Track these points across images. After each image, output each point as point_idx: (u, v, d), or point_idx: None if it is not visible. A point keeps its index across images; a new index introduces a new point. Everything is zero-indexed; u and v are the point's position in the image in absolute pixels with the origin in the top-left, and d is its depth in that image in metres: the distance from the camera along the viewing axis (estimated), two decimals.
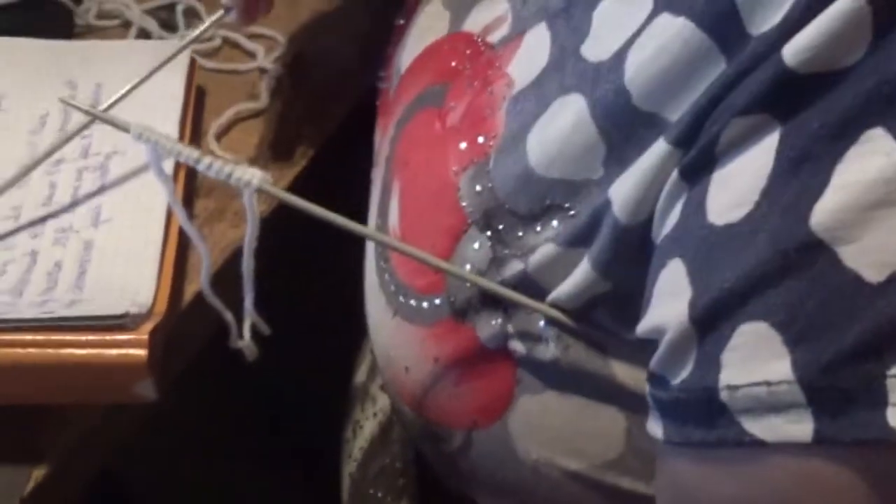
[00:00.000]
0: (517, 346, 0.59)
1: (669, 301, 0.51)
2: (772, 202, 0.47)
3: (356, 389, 0.87)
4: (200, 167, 0.54)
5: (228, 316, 0.61)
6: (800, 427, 0.46)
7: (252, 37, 0.89)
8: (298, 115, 0.85)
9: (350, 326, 0.85)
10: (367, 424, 0.84)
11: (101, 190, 0.74)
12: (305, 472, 0.98)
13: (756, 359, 0.47)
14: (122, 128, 0.57)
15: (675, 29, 0.51)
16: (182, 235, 0.72)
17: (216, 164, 0.54)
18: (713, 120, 0.49)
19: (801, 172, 0.46)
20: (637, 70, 0.53)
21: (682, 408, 0.50)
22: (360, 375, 0.87)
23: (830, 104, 0.46)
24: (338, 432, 0.87)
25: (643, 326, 0.53)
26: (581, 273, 0.56)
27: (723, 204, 0.49)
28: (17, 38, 0.83)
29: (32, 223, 0.72)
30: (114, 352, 0.63)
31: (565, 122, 0.56)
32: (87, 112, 0.62)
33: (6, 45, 0.82)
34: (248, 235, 0.56)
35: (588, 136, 0.55)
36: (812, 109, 0.47)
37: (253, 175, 0.54)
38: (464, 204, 0.59)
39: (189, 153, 0.55)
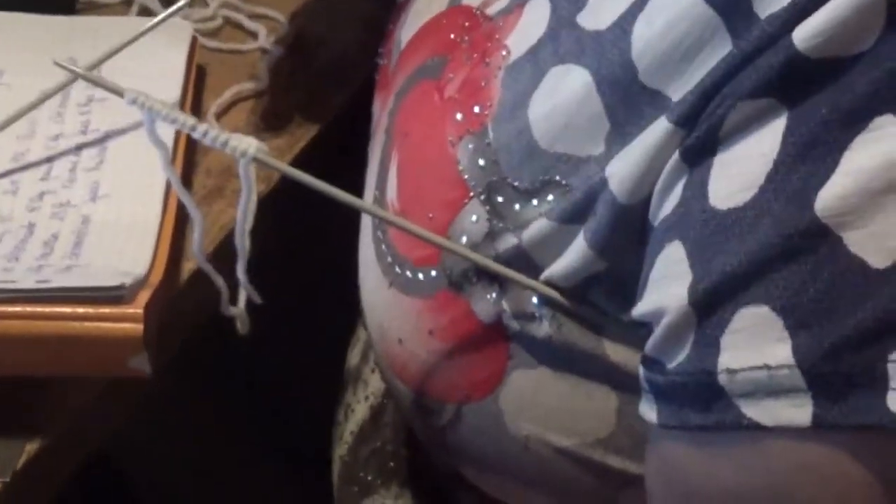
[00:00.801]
0: (511, 322, 0.59)
1: (668, 284, 0.50)
2: (777, 187, 0.47)
3: (348, 373, 0.87)
4: (196, 134, 0.54)
5: (220, 281, 0.61)
6: (799, 411, 0.46)
7: (254, 17, 0.89)
8: (299, 96, 0.85)
9: (343, 309, 0.85)
10: (358, 408, 0.84)
11: (99, 166, 0.74)
12: (296, 454, 0.98)
13: (757, 342, 0.47)
14: (117, 92, 0.57)
15: (684, 5, 0.51)
16: (180, 213, 0.72)
17: (212, 131, 0.54)
18: (717, 102, 0.49)
19: (808, 158, 0.46)
20: (645, 45, 0.53)
21: (678, 391, 0.50)
22: (353, 358, 0.87)
23: (840, 90, 0.46)
24: (329, 415, 0.86)
25: (640, 309, 0.53)
26: (576, 251, 0.56)
27: (726, 188, 0.49)
28: (17, 14, 0.82)
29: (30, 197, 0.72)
30: (109, 325, 0.63)
31: (572, 95, 0.56)
32: (81, 75, 0.62)
33: (7, 20, 0.82)
34: (243, 204, 0.56)
35: (593, 110, 0.55)
36: (821, 95, 0.47)
37: (249, 144, 0.54)
38: (466, 177, 0.59)
39: (184, 119, 0.54)
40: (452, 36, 0.64)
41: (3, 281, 0.64)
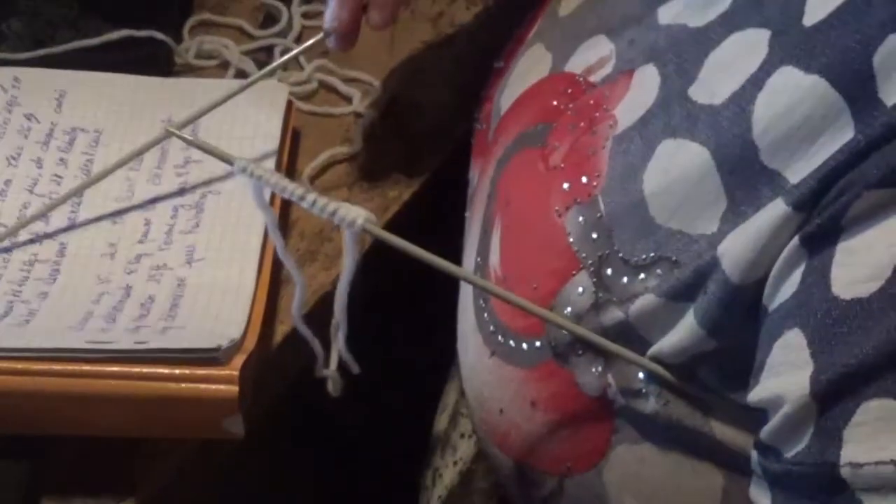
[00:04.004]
0: (617, 397, 0.58)
1: (787, 372, 0.50)
2: None
3: (436, 437, 0.86)
4: (305, 204, 0.54)
5: (318, 346, 0.61)
6: None
7: (348, 81, 0.90)
8: (392, 159, 0.85)
9: (432, 372, 0.85)
10: (446, 473, 0.83)
11: (195, 229, 0.74)
12: None
13: (883, 437, 0.46)
14: (227, 160, 0.57)
15: (807, 86, 0.51)
16: (274, 276, 0.72)
17: (321, 201, 0.54)
18: (840, 188, 0.49)
19: None
20: (767, 125, 0.53)
21: (796, 481, 0.49)
22: (441, 423, 0.86)
23: None
24: (416, 479, 0.86)
25: (756, 395, 0.52)
26: (686, 328, 0.55)
27: (850, 277, 0.48)
28: (115, 75, 0.84)
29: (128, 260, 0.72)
30: (205, 386, 0.64)
31: (689, 171, 0.55)
32: (192, 143, 0.62)
33: (105, 81, 0.83)
34: (346, 272, 0.56)
35: (712, 188, 0.54)
36: None
37: (358, 214, 0.54)
38: (576, 248, 0.59)
39: (294, 189, 0.55)
40: (555, 103, 0.64)
41: (101, 341, 0.65)
